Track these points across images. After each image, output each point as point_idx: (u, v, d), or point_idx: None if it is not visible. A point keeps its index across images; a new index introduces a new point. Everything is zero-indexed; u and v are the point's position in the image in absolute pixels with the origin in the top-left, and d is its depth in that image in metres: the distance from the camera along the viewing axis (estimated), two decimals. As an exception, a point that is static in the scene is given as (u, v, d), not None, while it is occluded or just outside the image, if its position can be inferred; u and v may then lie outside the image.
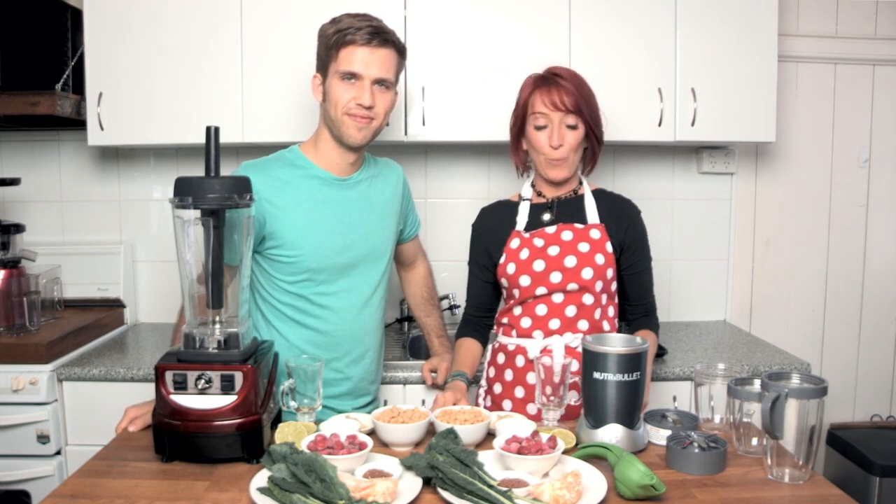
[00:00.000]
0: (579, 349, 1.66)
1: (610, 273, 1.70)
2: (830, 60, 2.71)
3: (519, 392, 1.73)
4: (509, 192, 1.91)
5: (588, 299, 1.69)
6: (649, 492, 1.17)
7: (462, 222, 1.89)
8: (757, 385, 1.39)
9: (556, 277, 1.68)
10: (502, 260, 1.75)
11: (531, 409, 1.71)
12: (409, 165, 1.90)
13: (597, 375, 1.37)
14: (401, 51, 1.68)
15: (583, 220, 1.73)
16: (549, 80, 1.69)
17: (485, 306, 1.86)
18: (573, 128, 1.68)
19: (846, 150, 2.76)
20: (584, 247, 1.69)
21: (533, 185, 1.81)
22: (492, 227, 1.81)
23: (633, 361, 1.36)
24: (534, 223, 1.76)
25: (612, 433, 1.38)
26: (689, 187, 2.73)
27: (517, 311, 1.74)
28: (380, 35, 1.62)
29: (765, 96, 2.36)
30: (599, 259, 1.68)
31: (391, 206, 1.81)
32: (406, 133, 2.31)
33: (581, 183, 1.79)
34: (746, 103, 2.36)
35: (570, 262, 1.68)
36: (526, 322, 1.73)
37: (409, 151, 2.59)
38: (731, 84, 2.34)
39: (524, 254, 1.72)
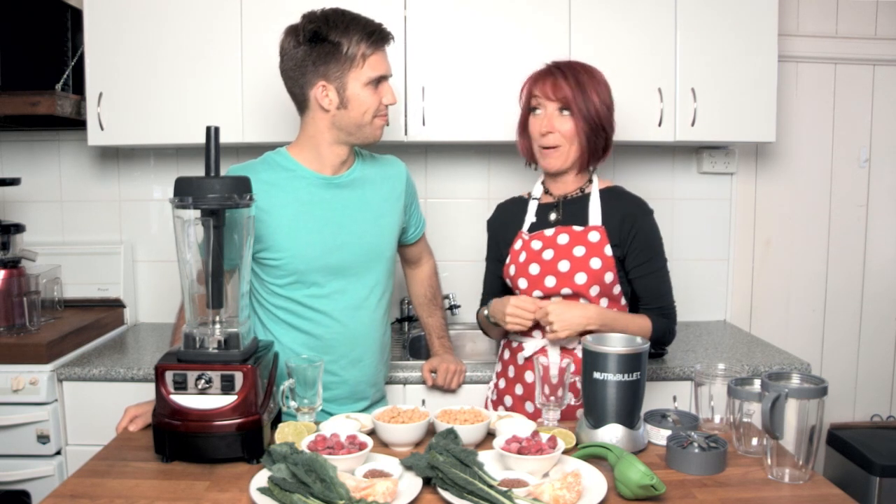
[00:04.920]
0: (577, 351, 1.66)
1: (609, 276, 1.66)
2: (830, 60, 2.71)
3: (518, 389, 1.74)
4: (509, 192, 1.90)
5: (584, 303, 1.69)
6: (649, 492, 1.17)
7: (462, 222, 1.89)
8: (757, 385, 1.39)
9: (550, 282, 1.67)
10: (507, 260, 1.76)
11: (528, 406, 1.71)
12: (409, 165, 1.89)
13: (597, 375, 1.37)
14: None
15: (585, 221, 1.71)
16: (548, 72, 1.70)
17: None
18: (567, 117, 1.67)
19: (846, 150, 2.76)
20: (579, 251, 1.66)
21: (543, 183, 1.80)
22: (504, 222, 1.83)
23: (633, 361, 1.36)
24: (540, 223, 1.76)
25: (612, 433, 1.38)
26: (689, 187, 2.72)
27: None
28: (387, 32, 1.62)
29: (765, 96, 2.36)
30: (595, 263, 1.65)
31: (390, 205, 1.76)
32: (406, 133, 2.31)
33: (591, 181, 1.76)
34: (746, 103, 2.36)
35: (564, 266, 1.66)
36: None
37: (409, 151, 2.58)
38: (731, 84, 2.34)
39: (522, 256, 1.72)
